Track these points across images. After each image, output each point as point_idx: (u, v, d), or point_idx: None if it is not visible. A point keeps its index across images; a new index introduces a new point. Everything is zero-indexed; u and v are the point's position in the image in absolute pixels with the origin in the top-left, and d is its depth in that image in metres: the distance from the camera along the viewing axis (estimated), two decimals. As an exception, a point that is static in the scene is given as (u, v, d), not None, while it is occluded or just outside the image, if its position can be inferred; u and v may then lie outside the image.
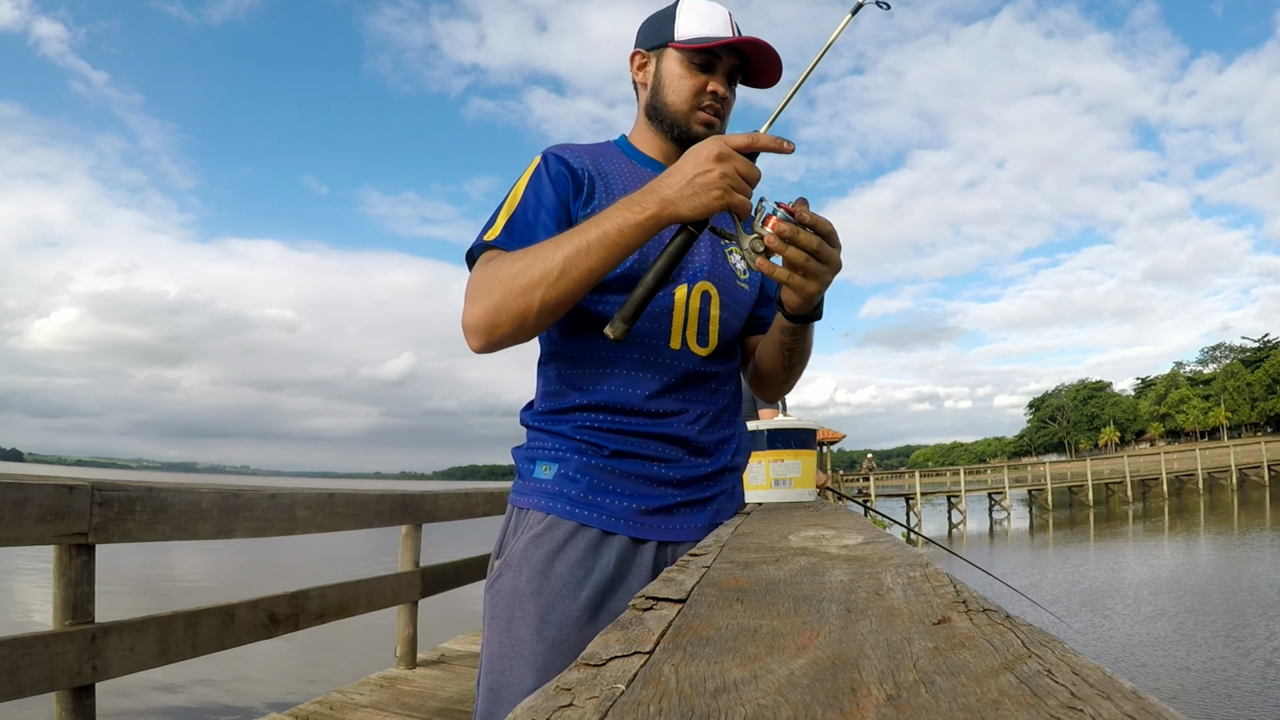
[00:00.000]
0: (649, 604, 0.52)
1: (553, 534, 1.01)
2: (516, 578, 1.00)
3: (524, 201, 1.04)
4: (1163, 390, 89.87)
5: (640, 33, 1.18)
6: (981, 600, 0.48)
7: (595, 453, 1.05)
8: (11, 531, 1.68)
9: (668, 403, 1.07)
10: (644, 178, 1.06)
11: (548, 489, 1.04)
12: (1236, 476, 32.73)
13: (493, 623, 1.00)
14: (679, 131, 1.12)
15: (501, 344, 0.98)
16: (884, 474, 33.91)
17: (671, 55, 1.11)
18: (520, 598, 0.98)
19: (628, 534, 1.03)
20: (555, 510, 1.02)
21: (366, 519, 3.19)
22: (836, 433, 24.73)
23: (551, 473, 1.05)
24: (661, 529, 1.06)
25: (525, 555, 1.00)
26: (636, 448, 1.05)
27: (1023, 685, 0.31)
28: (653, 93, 1.14)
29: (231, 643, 2.29)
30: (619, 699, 0.32)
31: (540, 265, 0.91)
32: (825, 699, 0.31)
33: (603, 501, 1.03)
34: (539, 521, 1.02)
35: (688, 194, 0.88)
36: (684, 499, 1.08)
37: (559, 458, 1.05)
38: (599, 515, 1.02)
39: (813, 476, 1.64)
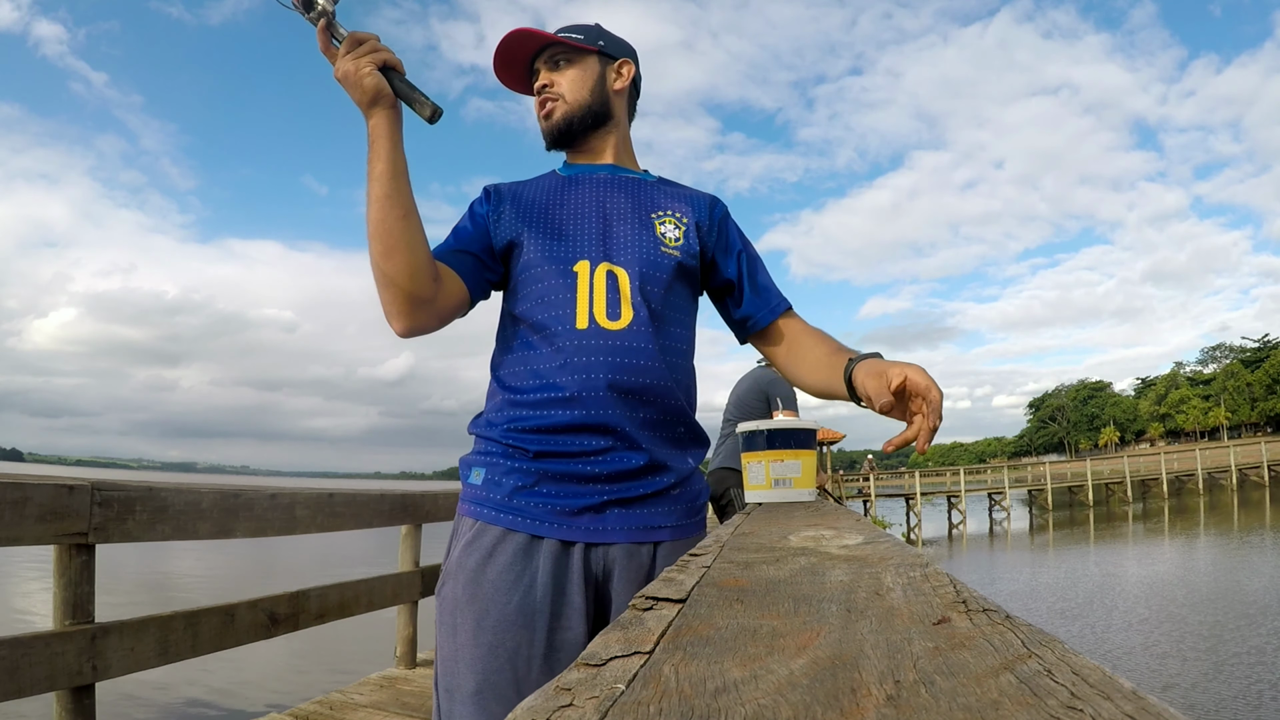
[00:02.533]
0: (649, 604, 0.52)
1: (481, 541, 1.02)
2: (455, 586, 1.02)
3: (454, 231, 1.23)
4: (1163, 390, 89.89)
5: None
6: (981, 600, 0.48)
7: (520, 455, 1.05)
8: (11, 531, 1.68)
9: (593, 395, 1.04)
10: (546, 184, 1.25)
11: (477, 495, 1.06)
12: (1236, 476, 32.71)
13: (441, 628, 1.04)
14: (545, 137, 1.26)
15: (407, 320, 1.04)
16: (884, 474, 33.89)
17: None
18: (459, 605, 1.01)
19: (555, 537, 1.02)
20: (482, 517, 1.04)
21: (366, 519, 3.19)
22: (836, 433, 24.72)
23: (480, 478, 1.07)
24: (590, 530, 1.03)
25: (460, 563, 1.03)
26: (561, 445, 1.03)
27: (1023, 685, 0.31)
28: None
29: (231, 643, 2.29)
30: (619, 699, 0.32)
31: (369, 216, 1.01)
32: (825, 699, 0.31)
33: (526, 504, 1.03)
34: (469, 529, 1.04)
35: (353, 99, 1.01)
36: (614, 496, 1.04)
37: (488, 463, 1.07)
38: (523, 519, 1.02)
39: (813, 476, 1.64)
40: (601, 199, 1.20)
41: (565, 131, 1.22)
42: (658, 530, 1.08)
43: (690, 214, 1.24)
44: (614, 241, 1.15)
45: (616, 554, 1.05)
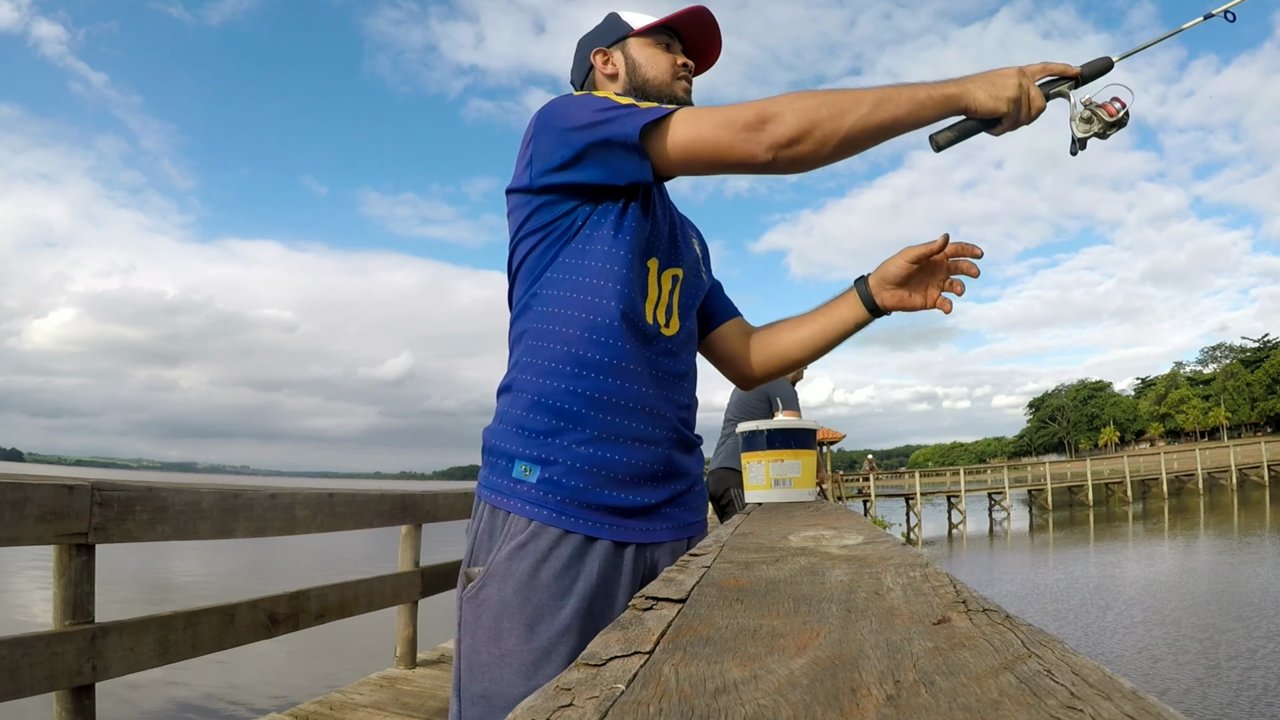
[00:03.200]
0: (649, 604, 0.52)
1: (537, 543, 0.99)
2: (502, 589, 0.98)
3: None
4: (1163, 390, 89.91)
5: (587, 44, 1.26)
6: (981, 600, 0.48)
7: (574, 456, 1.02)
8: (11, 531, 1.68)
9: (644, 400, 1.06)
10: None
11: (529, 494, 1.01)
12: (1236, 476, 32.70)
13: (478, 632, 0.99)
14: (667, 101, 1.19)
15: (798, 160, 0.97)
16: (884, 474, 33.89)
17: (636, 43, 1.22)
18: (507, 609, 0.97)
19: (610, 538, 1.02)
20: (539, 517, 1.00)
21: (366, 519, 3.19)
22: (836, 433, 24.73)
23: (534, 476, 1.02)
24: (642, 531, 1.05)
25: (509, 566, 0.98)
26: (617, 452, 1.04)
27: (1023, 685, 0.31)
28: (629, 76, 1.21)
29: (231, 643, 2.29)
30: (619, 699, 0.32)
31: (847, 98, 0.96)
32: (825, 699, 0.31)
33: (585, 507, 1.01)
34: (522, 529, 1.00)
35: (986, 89, 0.99)
36: (665, 497, 1.08)
37: (539, 460, 1.02)
38: (582, 521, 1.01)
39: (813, 476, 1.64)
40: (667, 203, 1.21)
41: None
42: (691, 526, 1.13)
43: (700, 241, 1.30)
44: (679, 250, 1.18)
45: (661, 553, 1.07)
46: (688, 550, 1.03)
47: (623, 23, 1.23)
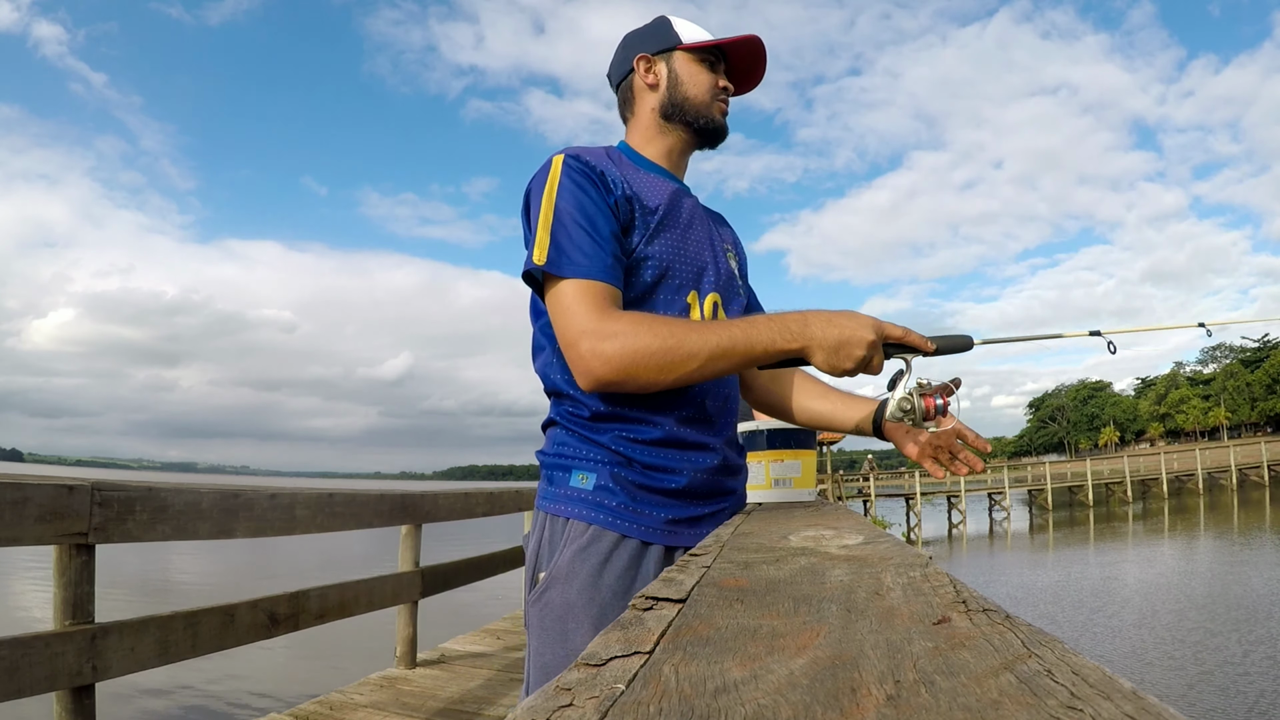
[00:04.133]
0: (649, 604, 0.52)
1: (598, 545, 1.03)
2: (566, 590, 1.02)
3: (582, 216, 1.05)
4: (1163, 390, 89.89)
5: (634, 44, 1.24)
6: (981, 600, 0.48)
7: (630, 466, 1.07)
8: (11, 531, 1.68)
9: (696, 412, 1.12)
10: (653, 184, 1.15)
11: (588, 499, 1.06)
12: (1236, 476, 32.71)
13: (544, 635, 1.03)
14: (703, 122, 1.21)
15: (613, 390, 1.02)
16: (884, 474, 33.88)
17: (682, 57, 1.21)
18: (572, 610, 1.01)
19: (663, 543, 1.07)
20: (598, 521, 1.05)
21: (366, 519, 3.19)
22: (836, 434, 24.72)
23: (590, 483, 1.07)
24: (690, 536, 1.10)
25: (572, 567, 1.03)
26: (670, 461, 1.09)
27: (1023, 685, 0.31)
28: (669, 91, 1.21)
29: (231, 643, 2.29)
30: (619, 699, 0.32)
31: (684, 352, 0.98)
32: (825, 699, 0.31)
33: (641, 513, 1.06)
34: (582, 532, 1.04)
35: (829, 352, 1.00)
36: (710, 510, 1.13)
37: (596, 468, 1.07)
38: (638, 526, 1.06)
39: (813, 476, 1.64)
40: (700, 222, 1.22)
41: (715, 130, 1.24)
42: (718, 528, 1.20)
43: (738, 251, 1.33)
44: (716, 275, 1.20)
45: None
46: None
47: (673, 32, 1.22)
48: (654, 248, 1.11)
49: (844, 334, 0.99)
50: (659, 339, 0.97)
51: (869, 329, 1.01)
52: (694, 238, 1.18)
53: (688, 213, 1.19)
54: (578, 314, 1.00)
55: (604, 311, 1.00)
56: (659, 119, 1.22)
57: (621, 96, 1.26)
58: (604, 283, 1.02)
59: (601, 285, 1.01)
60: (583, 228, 1.03)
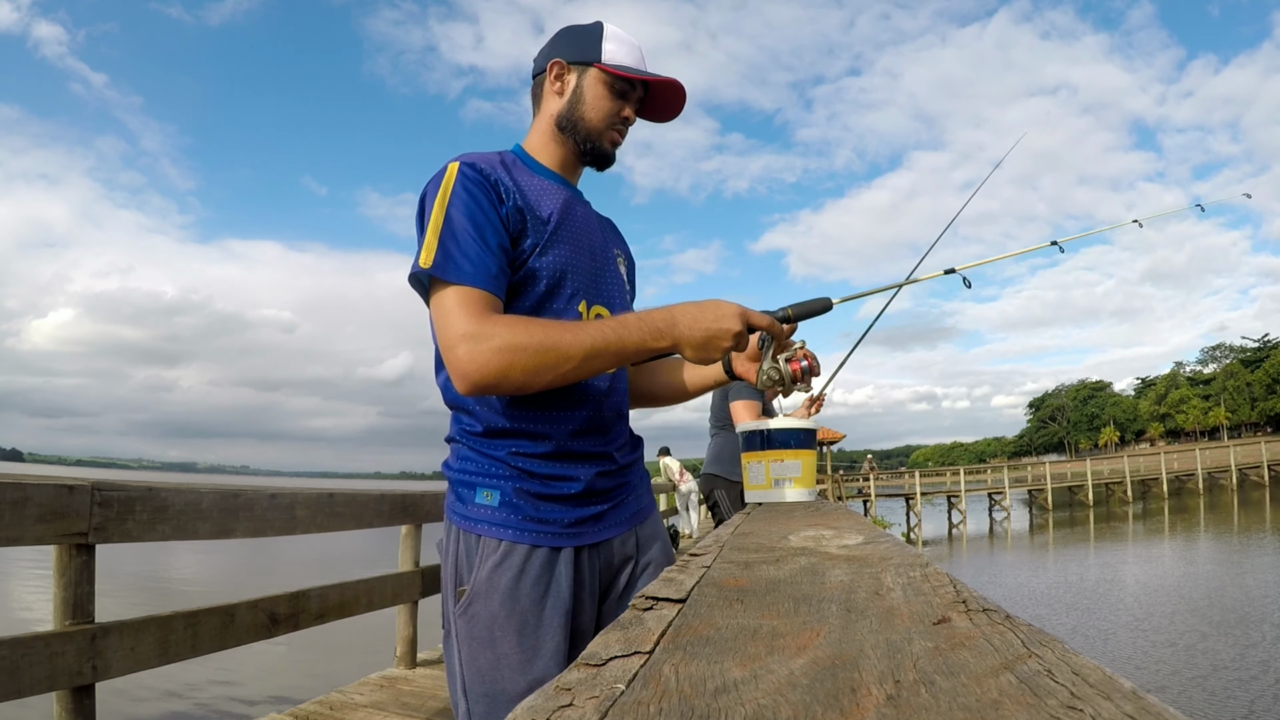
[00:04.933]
0: (649, 604, 0.52)
1: (511, 560, 1.09)
2: (489, 603, 1.08)
3: (470, 224, 1.06)
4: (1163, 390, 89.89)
5: (559, 43, 1.23)
6: (981, 600, 0.48)
7: (529, 479, 1.12)
8: (11, 531, 1.68)
9: (587, 422, 1.17)
10: (546, 191, 1.17)
11: (495, 517, 1.11)
12: (1236, 476, 32.69)
13: (473, 642, 1.09)
14: (591, 146, 1.22)
15: (489, 393, 1.05)
16: (884, 474, 33.88)
17: (594, 76, 1.20)
18: (496, 619, 1.08)
19: (570, 545, 1.13)
20: (507, 537, 1.10)
21: (366, 519, 3.19)
22: (836, 433, 24.73)
23: (495, 499, 1.12)
24: (595, 532, 1.17)
25: (491, 582, 1.09)
26: (566, 470, 1.14)
27: (1023, 685, 0.31)
28: (570, 106, 1.21)
29: (231, 643, 2.29)
30: (619, 699, 0.32)
31: (558, 353, 1.01)
32: (825, 699, 0.31)
33: (545, 522, 1.12)
34: (495, 549, 1.10)
35: (698, 345, 1.06)
36: (610, 504, 1.20)
37: (499, 484, 1.12)
38: (545, 534, 1.12)
39: (813, 476, 1.64)
40: (591, 232, 1.24)
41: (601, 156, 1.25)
42: (638, 514, 1.26)
43: (627, 257, 1.37)
44: (605, 285, 1.24)
45: (614, 544, 1.21)
46: (635, 536, 1.24)
47: (598, 46, 1.20)
48: (547, 258, 1.13)
49: (710, 328, 1.05)
50: (531, 340, 1.00)
51: (734, 319, 1.06)
52: (585, 247, 1.20)
53: (580, 222, 1.21)
54: (457, 318, 1.02)
55: (483, 317, 1.02)
56: (554, 128, 1.22)
57: (533, 91, 1.26)
58: (486, 291, 1.04)
59: (483, 293, 1.04)
60: (471, 236, 1.05)
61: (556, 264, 1.14)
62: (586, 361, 1.02)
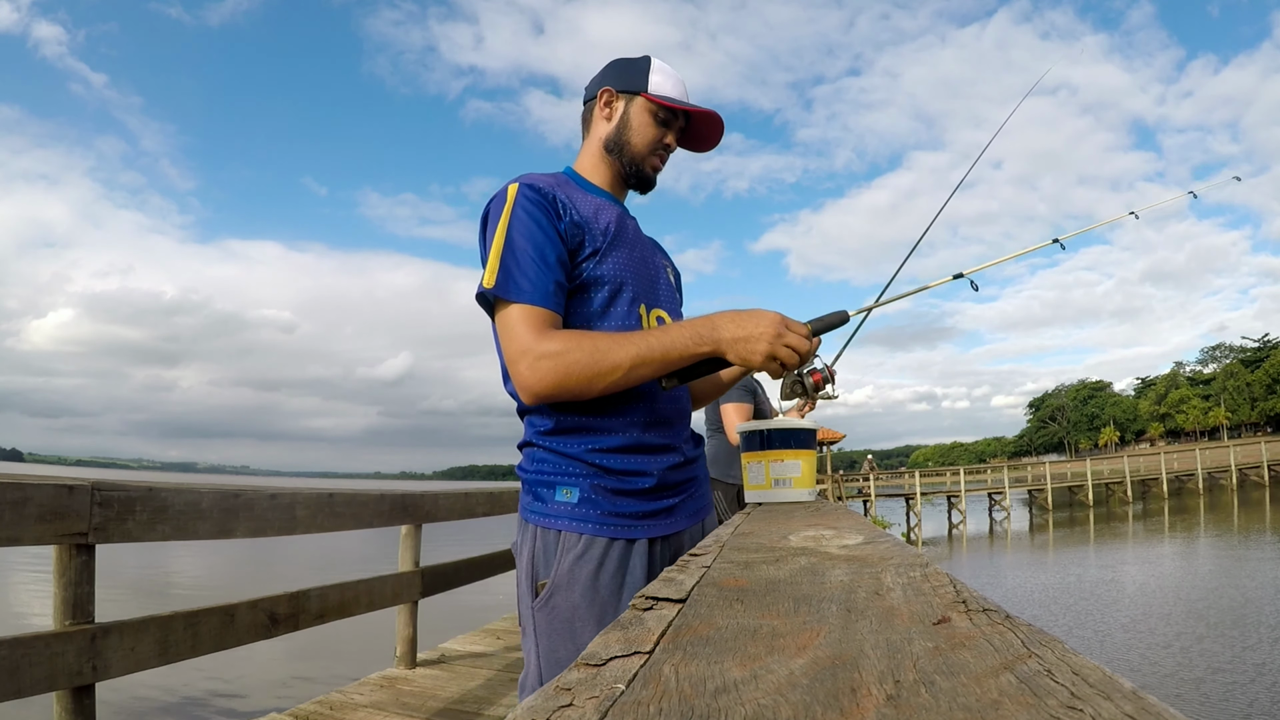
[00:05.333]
0: (649, 604, 0.52)
1: (591, 552, 1.17)
2: (569, 595, 1.15)
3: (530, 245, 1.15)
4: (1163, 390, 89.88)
5: (609, 73, 1.35)
6: (981, 600, 0.48)
7: (605, 474, 1.20)
8: (11, 531, 1.68)
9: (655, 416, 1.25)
10: (600, 207, 1.26)
11: (575, 513, 1.19)
12: (1236, 476, 32.68)
13: (552, 635, 1.16)
14: (635, 170, 1.33)
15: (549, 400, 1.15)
16: (884, 474, 33.87)
17: (641, 104, 1.32)
18: (577, 611, 1.15)
19: (643, 536, 1.21)
20: (588, 531, 1.18)
21: (366, 519, 3.19)
22: (836, 433, 24.68)
23: (575, 496, 1.19)
24: (665, 525, 1.25)
25: (573, 574, 1.16)
26: (638, 464, 1.22)
27: (1023, 685, 0.31)
28: (617, 131, 1.32)
29: (231, 643, 2.29)
30: (619, 699, 0.32)
31: (609, 363, 1.10)
32: (825, 699, 0.31)
33: (621, 516, 1.20)
34: (575, 543, 1.17)
35: (739, 349, 1.13)
36: (680, 497, 1.28)
37: (577, 482, 1.20)
38: (622, 528, 1.19)
39: (813, 476, 1.64)
40: (642, 243, 1.35)
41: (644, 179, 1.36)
42: (702, 510, 1.35)
43: (673, 269, 1.47)
44: (659, 290, 1.34)
45: (684, 536, 1.29)
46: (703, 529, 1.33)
47: (645, 78, 1.32)
48: (606, 266, 1.22)
49: (749, 334, 1.13)
50: (585, 354, 1.10)
51: (772, 325, 1.13)
52: (639, 256, 1.30)
53: (632, 234, 1.31)
54: (519, 335, 1.12)
55: (541, 333, 1.12)
56: (603, 150, 1.33)
57: (584, 115, 1.38)
58: (544, 308, 1.13)
59: (541, 310, 1.13)
60: (530, 256, 1.14)
61: (616, 271, 1.23)
62: (634, 369, 1.11)
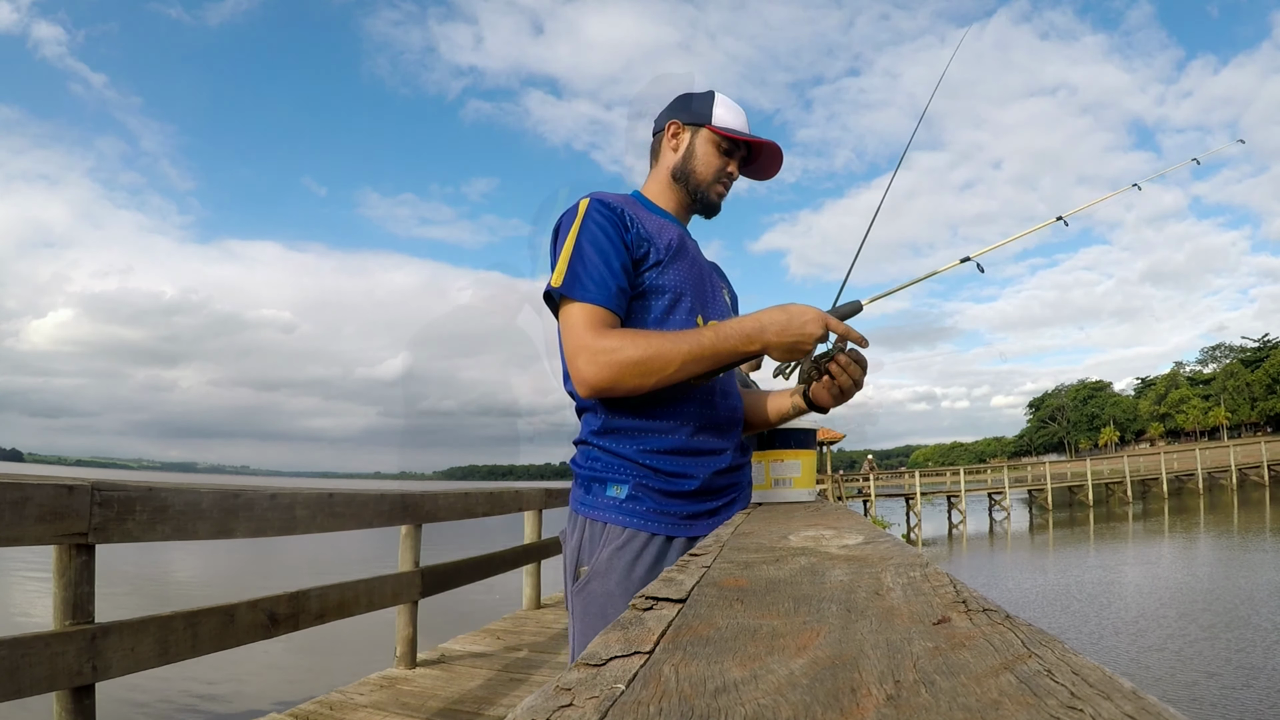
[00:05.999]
0: (649, 604, 0.52)
1: (632, 545, 1.23)
2: (605, 582, 1.21)
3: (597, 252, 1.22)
4: (1163, 390, 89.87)
5: (677, 106, 1.43)
6: (981, 600, 0.48)
7: (654, 475, 1.26)
8: (11, 531, 1.68)
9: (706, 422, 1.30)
10: (664, 226, 1.34)
11: (622, 507, 1.25)
12: (1236, 476, 32.68)
13: (587, 618, 1.22)
14: (700, 196, 1.41)
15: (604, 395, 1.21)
16: (884, 474, 33.87)
17: (705, 136, 1.40)
18: (611, 598, 1.20)
19: (684, 535, 1.26)
20: (632, 525, 1.24)
21: (366, 519, 3.19)
22: (836, 433, 24.68)
23: (624, 493, 1.26)
24: (706, 526, 1.29)
25: (610, 564, 1.22)
26: (686, 467, 1.28)
27: (1023, 685, 0.31)
28: (684, 160, 1.41)
29: (231, 643, 2.29)
30: (619, 699, 0.32)
31: (662, 360, 1.16)
32: (825, 699, 0.31)
33: (666, 514, 1.26)
34: (619, 535, 1.23)
35: (783, 346, 1.20)
36: (724, 501, 1.33)
37: (627, 479, 1.26)
38: (664, 525, 1.25)
39: (813, 476, 1.64)
40: (701, 262, 1.42)
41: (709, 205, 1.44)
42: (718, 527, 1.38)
43: (730, 291, 1.55)
44: (717, 305, 1.42)
45: None
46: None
47: (709, 110, 1.40)
48: (668, 277, 1.29)
49: (796, 333, 1.19)
50: (639, 351, 1.16)
51: (817, 324, 1.20)
52: (698, 273, 1.37)
53: (693, 252, 1.39)
54: (579, 332, 1.18)
55: (600, 331, 1.18)
56: (670, 178, 1.41)
57: (653, 145, 1.46)
58: (605, 308, 1.20)
59: (603, 310, 1.20)
60: (596, 262, 1.21)
61: (676, 282, 1.30)
62: (686, 366, 1.17)
